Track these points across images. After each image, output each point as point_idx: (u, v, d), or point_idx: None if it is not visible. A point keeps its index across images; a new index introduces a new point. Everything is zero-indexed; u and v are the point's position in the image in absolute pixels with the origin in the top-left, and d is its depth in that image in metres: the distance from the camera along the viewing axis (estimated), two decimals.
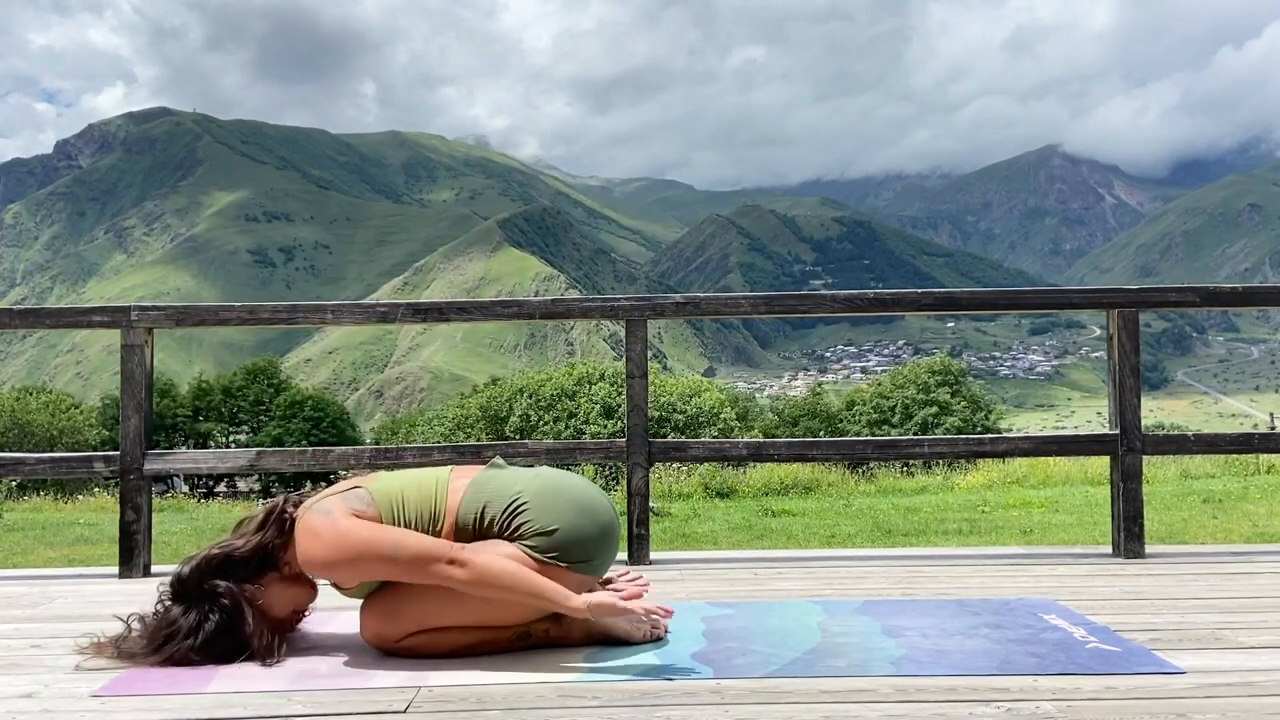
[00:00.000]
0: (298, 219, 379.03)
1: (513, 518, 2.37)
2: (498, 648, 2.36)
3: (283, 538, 2.38)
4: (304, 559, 2.32)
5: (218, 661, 2.28)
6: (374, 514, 2.36)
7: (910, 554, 4.05)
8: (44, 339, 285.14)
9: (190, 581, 2.36)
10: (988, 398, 37.02)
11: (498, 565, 2.25)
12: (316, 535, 2.30)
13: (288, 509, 2.42)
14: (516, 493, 2.40)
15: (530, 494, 2.39)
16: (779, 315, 4.00)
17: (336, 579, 2.37)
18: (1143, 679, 2.12)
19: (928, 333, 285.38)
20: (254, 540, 2.38)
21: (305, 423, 41.56)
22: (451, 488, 2.44)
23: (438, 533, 2.38)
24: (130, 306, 3.81)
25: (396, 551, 2.26)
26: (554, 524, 2.34)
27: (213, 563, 2.36)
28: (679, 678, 2.16)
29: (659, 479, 14.14)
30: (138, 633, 2.36)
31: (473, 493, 2.42)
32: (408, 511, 2.37)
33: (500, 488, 2.42)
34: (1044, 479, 13.60)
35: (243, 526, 2.44)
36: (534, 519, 2.35)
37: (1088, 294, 3.99)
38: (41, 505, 15.84)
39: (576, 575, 2.36)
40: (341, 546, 2.27)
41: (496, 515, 2.38)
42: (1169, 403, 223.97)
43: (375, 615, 2.37)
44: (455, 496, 2.42)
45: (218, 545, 2.40)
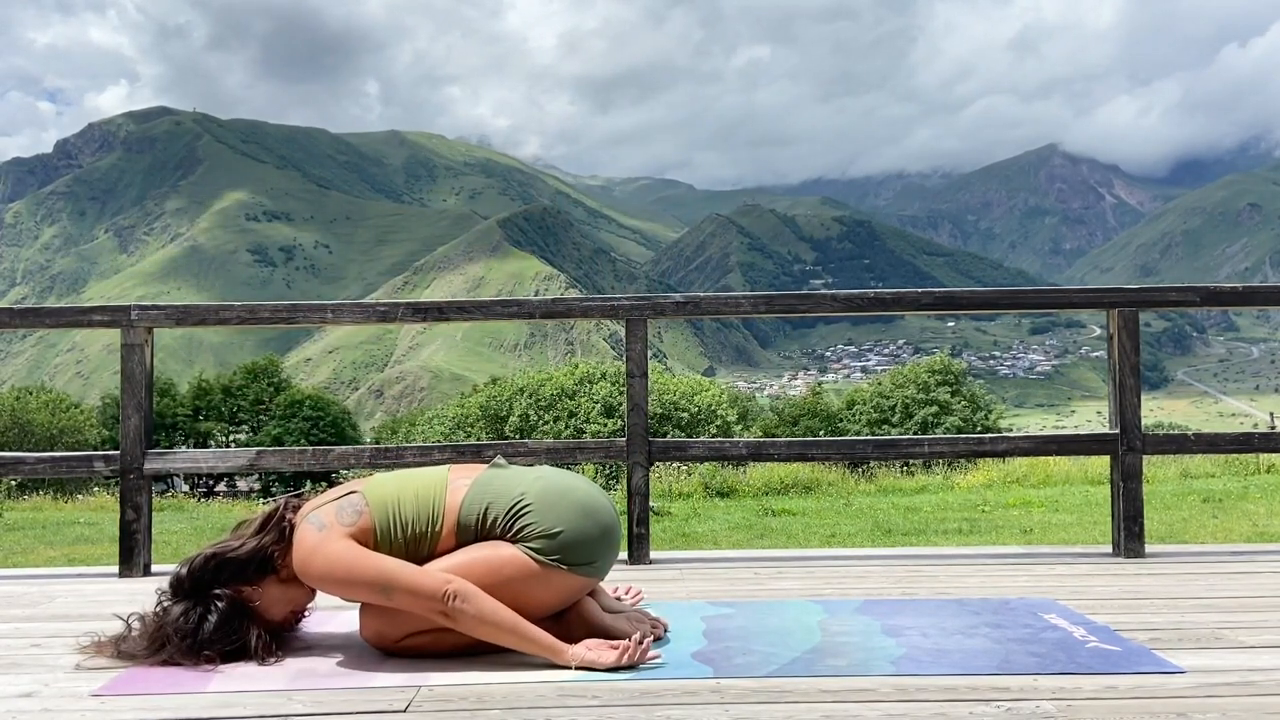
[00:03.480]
0: (298, 219, 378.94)
1: (515, 519, 2.36)
2: (497, 648, 2.36)
3: (281, 543, 2.39)
4: (298, 570, 2.34)
5: (216, 662, 2.29)
6: (368, 523, 2.35)
7: (910, 553, 4.05)
8: (44, 338, 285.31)
9: (189, 582, 2.36)
10: (988, 397, 37.01)
11: (490, 616, 2.24)
12: (309, 553, 2.31)
13: (287, 515, 2.42)
14: (520, 494, 2.39)
15: (533, 495, 2.38)
16: (779, 315, 4.00)
17: (328, 593, 2.38)
18: (1143, 678, 2.12)
19: (928, 332, 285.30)
20: (252, 544, 2.38)
21: (305, 422, 41.57)
22: (451, 487, 2.43)
23: (437, 533, 2.38)
24: (130, 306, 3.80)
25: (387, 586, 2.27)
26: (557, 526, 2.34)
27: (211, 563, 2.36)
28: (679, 677, 2.16)
29: (659, 478, 14.14)
30: (137, 632, 2.37)
31: (475, 493, 2.41)
32: (404, 514, 2.37)
33: (503, 488, 2.42)
34: (1044, 479, 13.59)
35: (241, 528, 2.45)
36: (537, 521, 2.34)
37: (1088, 294, 3.99)
38: (41, 504, 15.83)
39: (579, 578, 2.36)
40: (330, 572, 2.29)
41: (499, 516, 2.37)
42: (1169, 402, 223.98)
43: (375, 615, 2.37)
44: (456, 496, 2.41)
45: (216, 546, 2.40)
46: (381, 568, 2.28)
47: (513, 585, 2.30)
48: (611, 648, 2.27)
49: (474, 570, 2.30)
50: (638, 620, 2.50)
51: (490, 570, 2.30)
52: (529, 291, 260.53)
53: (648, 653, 2.28)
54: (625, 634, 2.42)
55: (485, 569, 2.30)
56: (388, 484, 2.43)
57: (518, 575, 2.31)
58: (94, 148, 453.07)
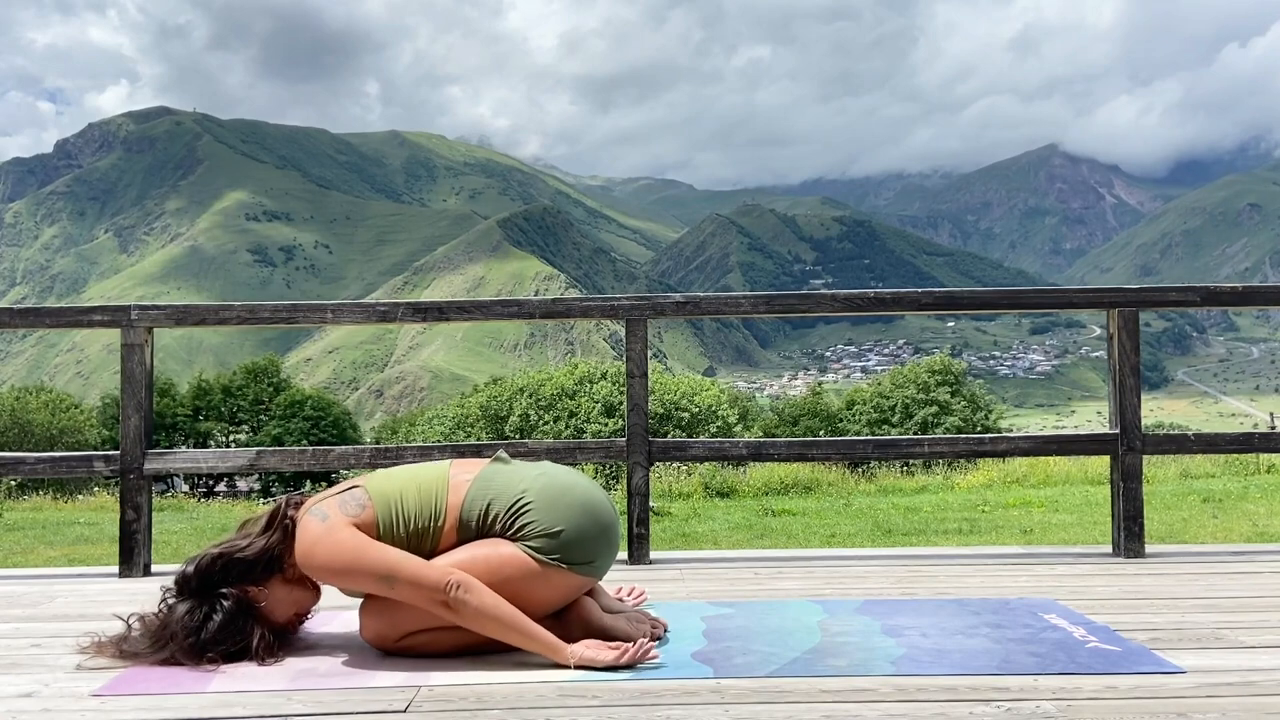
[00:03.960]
0: (298, 219, 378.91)
1: (516, 517, 2.36)
2: (497, 647, 2.36)
3: (285, 542, 2.39)
4: (301, 562, 2.34)
5: (218, 663, 2.29)
6: (371, 516, 2.36)
7: (910, 554, 4.05)
8: (44, 338, 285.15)
9: (196, 580, 2.36)
10: (988, 397, 37.01)
11: (492, 610, 2.24)
12: (314, 543, 2.31)
13: (289, 512, 2.42)
14: (521, 491, 2.39)
15: (535, 493, 2.38)
16: (779, 315, 4.00)
17: (331, 585, 2.38)
18: (1143, 678, 2.12)
19: (928, 332, 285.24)
20: (259, 544, 2.38)
21: (305, 422, 41.56)
22: (453, 484, 2.43)
23: (439, 529, 2.38)
24: (130, 306, 3.80)
25: (391, 575, 2.26)
26: (558, 525, 2.34)
27: (219, 563, 2.36)
28: (679, 677, 2.16)
29: (659, 478, 14.14)
30: (138, 632, 2.36)
31: (477, 489, 2.41)
32: (407, 509, 2.37)
33: (505, 485, 2.41)
34: (1044, 479, 13.60)
35: (246, 527, 2.45)
36: (538, 520, 2.34)
37: (1088, 294, 3.99)
38: (41, 504, 15.84)
39: (578, 577, 2.36)
40: (334, 561, 2.29)
41: (500, 513, 2.37)
42: (1169, 402, 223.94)
43: (375, 615, 2.37)
44: (458, 493, 2.41)
45: (223, 545, 2.40)
46: (385, 557, 2.28)
47: (513, 584, 2.30)
48: (611, 648, 2.26)
49: (475, 568, 2.30)
50: (637, 620, 2.50)
51: (491, 569, 2.30)
52: (529, 291, 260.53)
53: (649, 654, 2.28)
54: (624, 634, 2.42)
55: (486, 568, 2.30)
56: (390, 479, 2.44)
57: (518, 574, 2.31)
58: (94, 148, 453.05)
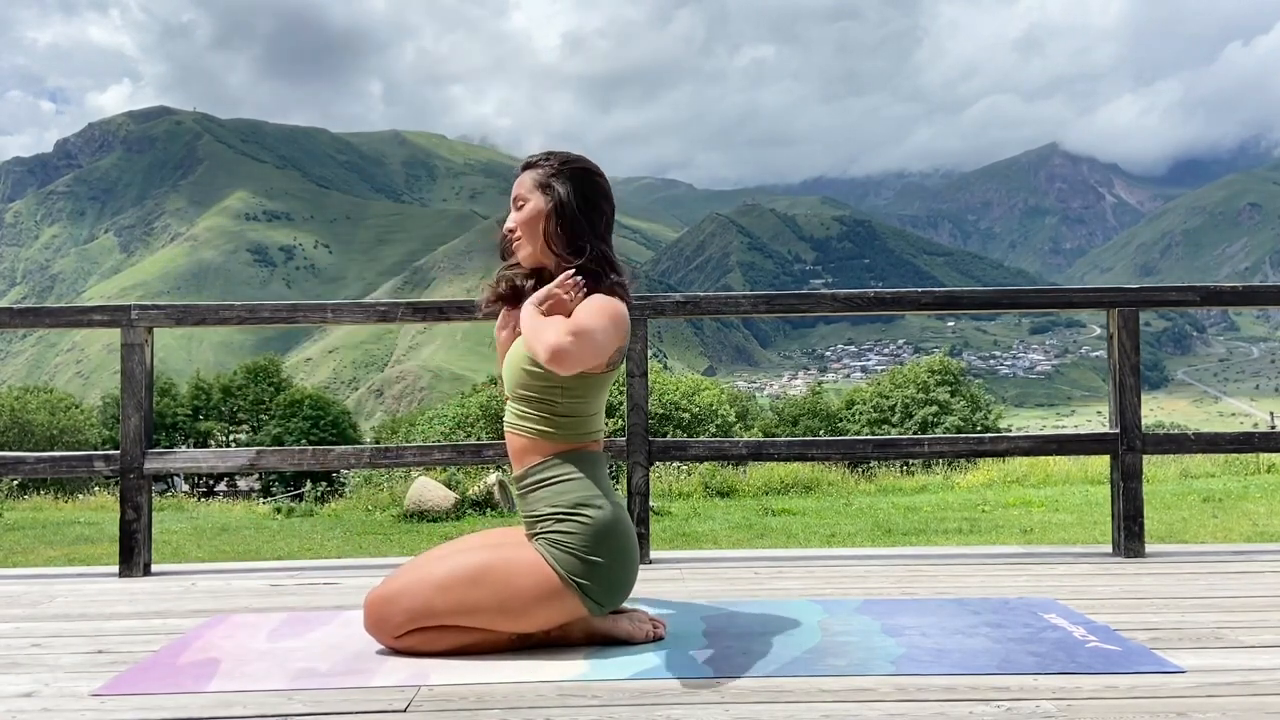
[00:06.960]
0: (298, 219, 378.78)
1: (570, 531, 2.37)
2: (497, 647, 2.36)
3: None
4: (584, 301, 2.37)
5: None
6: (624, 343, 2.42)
7: (910, 553, 4.05)
8: (44, 338, 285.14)
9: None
10: (987, 397, 37.02)
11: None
12: (607, 303, 2.36)
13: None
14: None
15: (608, 555, 2.36)
16: (779, 314, 4.00)
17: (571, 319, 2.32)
18: (1143, 678, 2.12)
19: (928, 332, 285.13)
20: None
21: (305, 422, 41.56)
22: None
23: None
24: (130, 305, 3.80)
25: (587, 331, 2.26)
26: (606, 604, 2.38)
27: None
28: (679, 677, 2.16)
29: (659, 478, 14.14)
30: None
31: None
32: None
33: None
34: (1044, 478, 13.60)
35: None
36: (592, 582, 2.33)
37: (1088, 293, 3.99)
38: (41, 504, 15.85)
39: (582, 611, 2.35)
40: (601, 312, 2.32)
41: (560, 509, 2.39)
42: (1169, 402, 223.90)
43: (375, 607, 2.37)
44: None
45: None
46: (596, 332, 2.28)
47: (522, 596, 2.30)
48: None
49: (489, 574, 2.31)
50: (639, 620, 2.50)
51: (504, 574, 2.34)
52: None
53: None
54: (627, 634, 2.42)
55: (504, 569, 2.34)
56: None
57: (531, 587, 2.32)
58: (94, 147, 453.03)
